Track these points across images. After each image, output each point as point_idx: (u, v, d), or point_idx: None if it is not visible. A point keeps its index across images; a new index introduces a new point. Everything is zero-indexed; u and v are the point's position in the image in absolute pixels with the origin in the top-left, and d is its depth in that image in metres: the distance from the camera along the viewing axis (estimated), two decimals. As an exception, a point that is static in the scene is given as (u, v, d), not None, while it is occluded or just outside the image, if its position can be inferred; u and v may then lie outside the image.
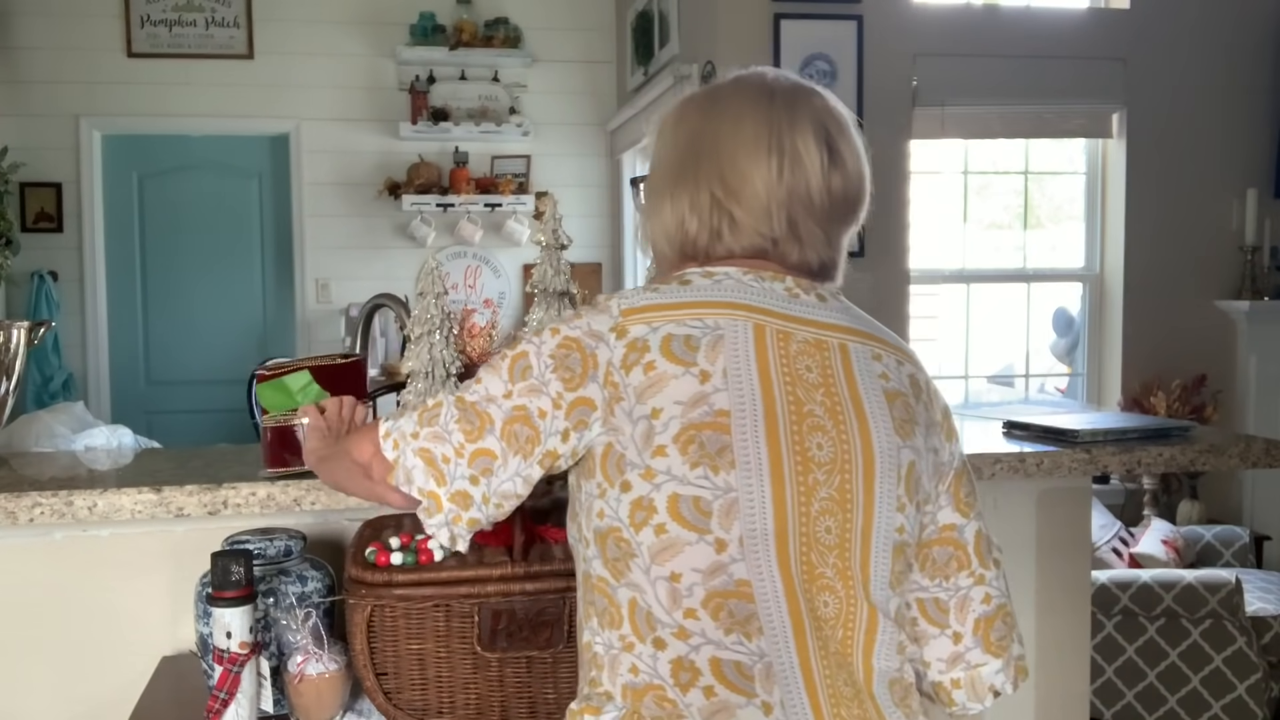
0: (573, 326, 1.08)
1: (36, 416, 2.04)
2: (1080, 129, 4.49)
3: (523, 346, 1.09)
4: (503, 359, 1.09)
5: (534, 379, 1.07)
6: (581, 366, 1.06)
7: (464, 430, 1.07)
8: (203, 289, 5.73)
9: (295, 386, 1.48)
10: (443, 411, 1.08)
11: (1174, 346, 4.39)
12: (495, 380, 1.08)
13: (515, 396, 1.07)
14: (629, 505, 1.03)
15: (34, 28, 5.35)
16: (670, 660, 1.02)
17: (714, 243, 1.14)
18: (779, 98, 1.13)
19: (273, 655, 1.35)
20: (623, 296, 1.10)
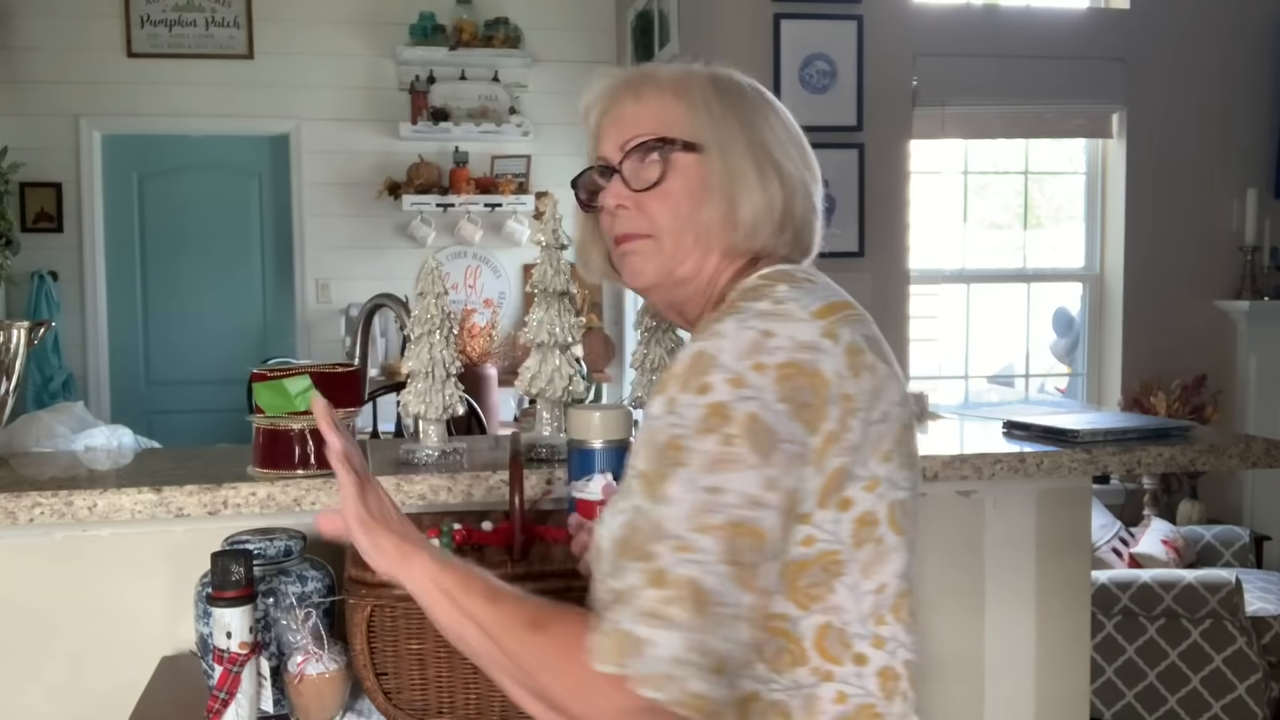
0: (773, 348, 0.90)
1: (36, 416, 2.03)
2: (1080, 129, 4.49)
3: (738, 404, 0.87)
4: (728, 441, 0.86)
5: (784, 441, 0.88)
6: (814, 394, 0.90)
7: (743, 580, 0.85)
8: (203, 289, 5.73)
9: (294, 390, 1.47)
10: (709, 584, 0.83)
11: (1174, 346, 4.39)
12: (744, 473, 0.86)
13: (780, 482, 0.88)
14: (852, 523, 0.93)
15: (34, 28, 5.36)
16: (876, 672, 0.95)
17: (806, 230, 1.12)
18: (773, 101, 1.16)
19: (273, 655, 1.35)
20: (790, 297, 0.96)
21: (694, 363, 0.91)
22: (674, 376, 0.92)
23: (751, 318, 0.93)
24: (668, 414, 0.90)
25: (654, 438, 0.90)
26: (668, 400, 0.91)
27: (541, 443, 1.59)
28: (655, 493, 0.87)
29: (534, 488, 1.50)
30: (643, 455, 0.91)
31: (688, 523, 0.85)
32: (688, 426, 0.88)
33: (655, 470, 0.88)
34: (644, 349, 1.62)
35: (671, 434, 0.88)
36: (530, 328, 1.60)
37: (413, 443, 1.61)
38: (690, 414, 0.88)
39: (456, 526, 1.36)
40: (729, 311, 0.96)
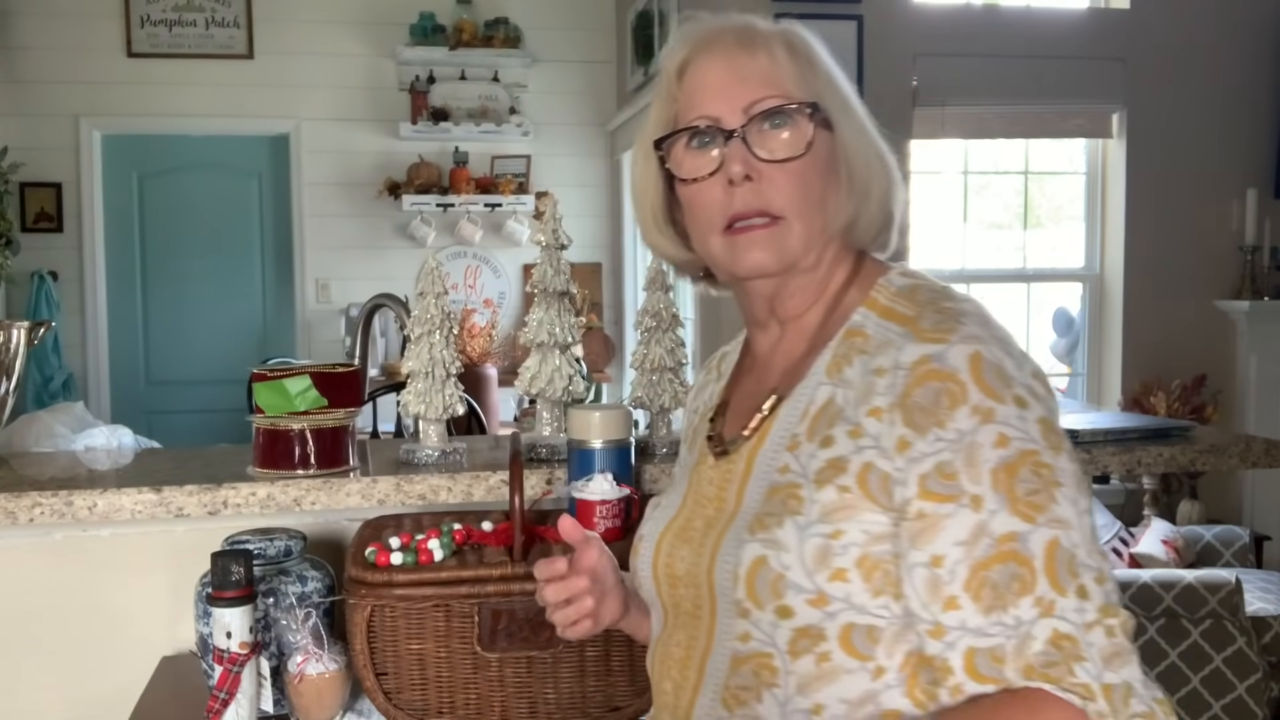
0: (1019, 355, 0.87)
1: (36, 416, 2.04)
2: (1080, 129, 4.49)
3: (1051, 418, 0.84)
4: (1073, 458, 0.83)
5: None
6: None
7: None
8: (203, 289, 5.73)
9: (294, 390, 1.47)
10: (1124, 610, 0.81)
11: (1174, 346, 4.39)
12: (1086, 490, 0.84)
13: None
14: None
15: (34, 28, 5.35)
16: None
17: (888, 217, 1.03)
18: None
19: (273, 655, 1.35)
20: (968, 297, 0.93)
21: (985, 370, 0.83)
22: (962, 384, 0.83)
23: (980, 321, 0.88)
24: (996, 425, 0.81)
25: (990, 454, 0.81)
26: (982, 412, 0.82)
27: (541, 443, 1.59)
28: (1035, 515, 0.80)
29: (534, 488, 1.50)
30: (969, 475, 0.81)
31: (1092, 549, 0.81)
32: (1037, 442, 0.82)
33: (1023, 490, 0.80)
34: (644, 349, 1.62)
35: (1023, 449, 0.81)
36: (530, 328, 1.60)
37: (413, 443, 1.61)
38: (1029, 429, 0.82)
39: (456, 526, 1.36)
40: (936, 307, 0.90)
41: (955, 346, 0.85)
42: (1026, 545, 0.79)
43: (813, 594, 0.85)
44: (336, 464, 1.51)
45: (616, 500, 1.38)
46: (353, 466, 1.54)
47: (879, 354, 0.89)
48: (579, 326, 1.63)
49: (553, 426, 1.61)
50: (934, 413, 0.83)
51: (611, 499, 1.37)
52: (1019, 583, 0.78)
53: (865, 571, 0.84)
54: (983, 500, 0.80)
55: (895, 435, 0.84)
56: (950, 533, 0.81)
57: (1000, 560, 0.79)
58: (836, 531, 0.85)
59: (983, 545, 0.80)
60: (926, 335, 0.87)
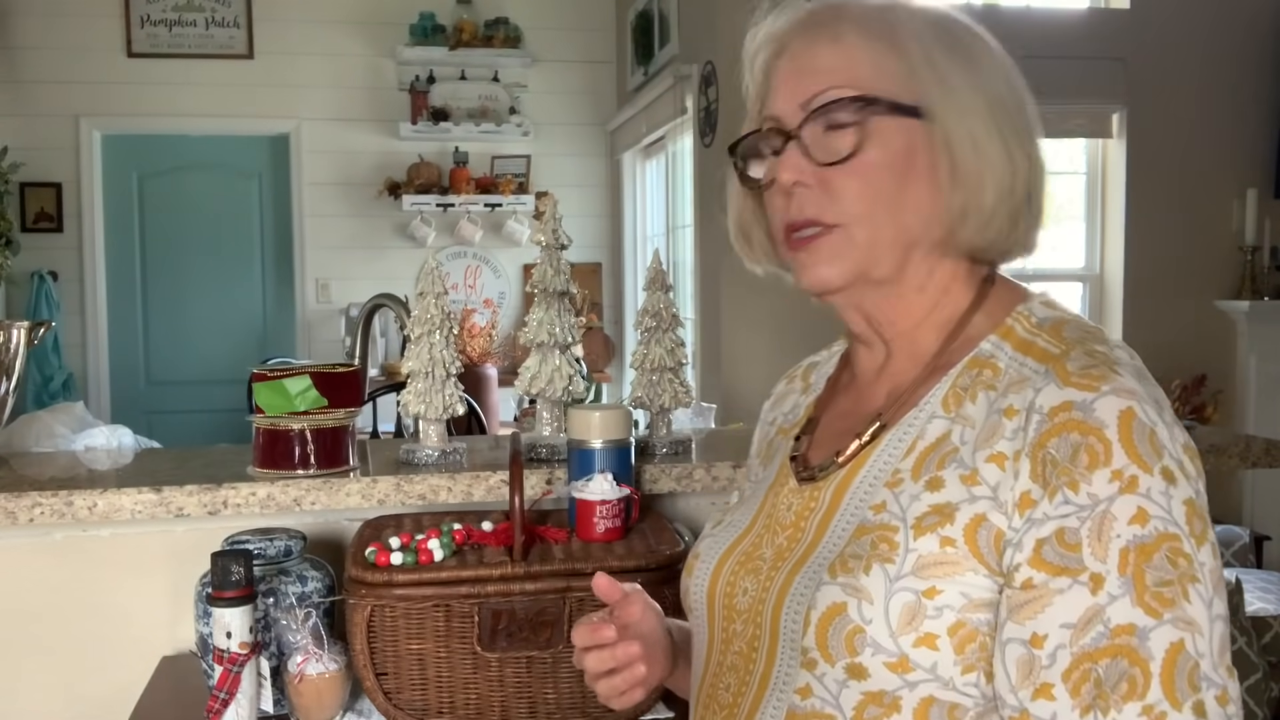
0: (1171, 422, 0.75)
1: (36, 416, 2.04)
2: (1080, 129, 4.49)
3: (1200, 501, 0.74)
4: (1216, 552, 0.73)
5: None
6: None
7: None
8: (203, 289, 5.74)
9: (294, 390, 1.47)
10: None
11: (1174, 346, 4.38)
12: (1224, 591, 0.73)
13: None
14: None
15: (34, 28, 5.36)
16: None
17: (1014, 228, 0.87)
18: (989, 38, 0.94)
19: (273, 655, 1.35)
20: (1121, 344, 0.80)
21: (1136, 431, 0.72)
22: (1107, 443, 0.72)
23: (1137, 373, 0.76)
24: (1138, 497, 0.71)
25: (1124, 530, 0.70)
26: (1125, 479, 0.71)
27: (541, 443, 1.59)
28: (1161, 610, 0.69)
29: (534, 488, 1.50)
30: (1094, 549, 0.71)
31: (1219, 663, 0.70)
32: (1178, 527, 0.71)
33: (1154, 578, 0.70)
34: (644, 349, 1.62)
35: (1161, 530, 0.70)
36: (530, 328, 1.60)
37: (413, 443, 1.61)
38: (1174, 509, 0.71)
39: (456, 526, 1.36)
40: (1085, 347, 0.77)
41: (1106, 398, 0.73)
42: (1145, 643, 0.69)
43: (894, 657, 0.75)
44: (336, 464, 1.51)
45: (616, 500, 1.38)
46: (353, 466, 1.54)
47: (1011, 392, 0.78)
48: (579, 326, 1.63)
49: (553, 426, 1.61)
50: (1068, 470, 0.72)
51: (611, 499, 1.37)
52: (1129, 684, 0.69)
53: (958, 641, 0.74)
54: (1104, 581, 0.70)
55: (1018, 490, 0.74)
56: (1059, 611, 0.71)
57: (1111, 654, 0.69)
58: (932, 589, 0.75)
59: (1094, 633, 0.70)
60: (1073, 379, 0.75)
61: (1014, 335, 0.82)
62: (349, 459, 1.54)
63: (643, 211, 5.76)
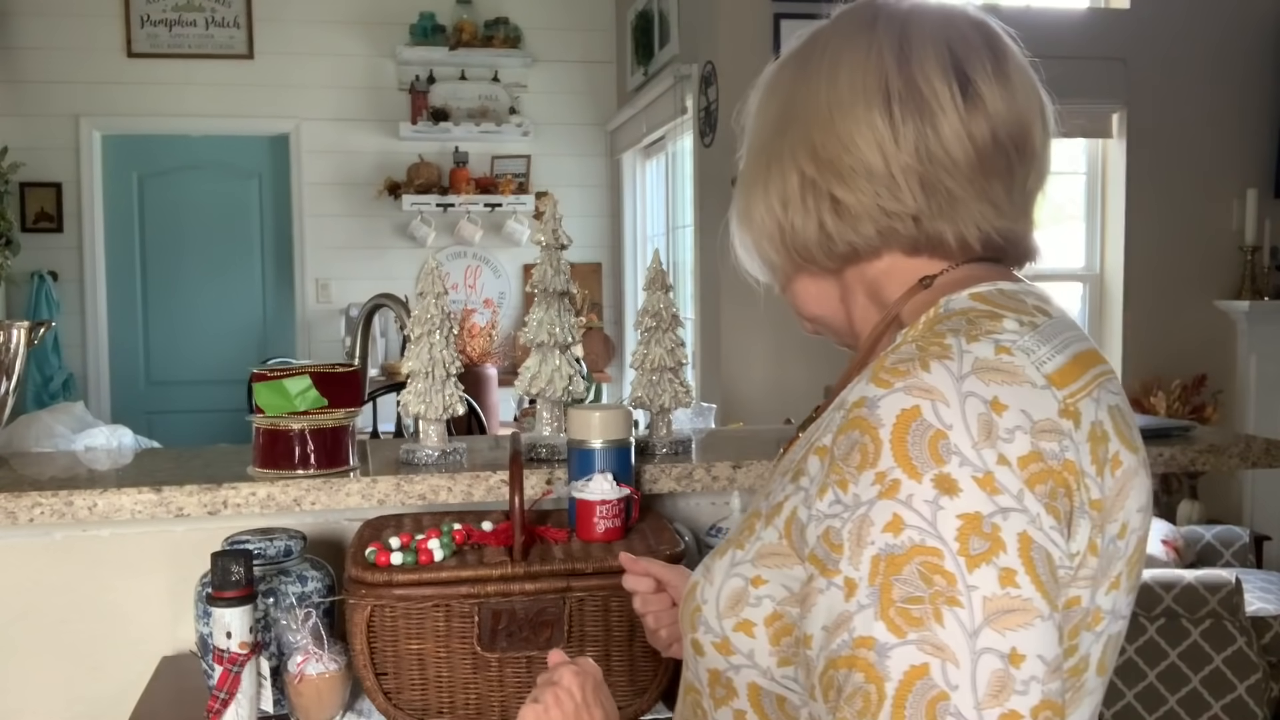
0: (1007, 430, 0.66)
1: (36, 416, 2.04)
2: (1080, 129, 4.49)
3: (1002, 521, 0.64)
4: (1010, 579, 0.62)
5: (1061, 569, 0.67)
6: (1068, 501, 0.68)
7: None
8: (203, 289, 5.74)
9: (294, 390, 1.47)
10: None
11: (1174, 346, 4.39)
12: (1040, 630, 0.63)
13: (1060, 633, 0.65)
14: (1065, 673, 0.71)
15: (34, 28, 5.36)
16: None
17: (825, 237, 0.81)
18: (883, 25, 0.80)
19: (273, 655, 1.35)
20: (1020, 344, 0.71)
21: (914, 433, 0.66)
22: (878, 442, 0.67)
23: (970, 371, 0.68)
24: (896, 504, 0.65)
25: (878, 537, 0.65)
26: (886, 482, 0.66)
27: (541, 443, 1.59)
28: (906, 628, 0.63)
29: (534, 488, 1.50)
30: (852, 554, 0.66)
31: (985, 705, 0.61)
32: (941, 540, 0.63)
33: (901, 593, 0.63)
34: (644, 349, 1.62)
35: (917, 541, 0.64)
36: (530, 328, 1.60)
37: (413, 443, 1.61)
38: (939, 521, 0.64)
39: (456, 526, 1.36)
40: (929, 343, 0.71)
41: (894, 394, 0.68)
42: (885, 661, 0.63)
43: (719, 638, 0.76)
44: (336, 464, 1.51)
45: (616, 500, 1.38)
46: (353, 466, 1.54)
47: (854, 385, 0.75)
48: (579, 326, 1.63)
49: (553, 426, 1.61)
50: (840, 468, 0.68)
51: (611, 499, 1.37)
52: (863, 701, 0.63)
53: (774, 633, 0.73)
54: (856, 588, 0.65)
55: (818, 482, 0.71)
56: (820, 612, 0.68)
57: (848, 665, 0.64)
58: (759, 578, 0.74)
59: (839, 639, 0.65)
60: (879, 374, 0.70)
61: (915, 329, 0.77)
62: (349, 459, 1.54)
63: (643, 211, 5.76)
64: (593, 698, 0.86)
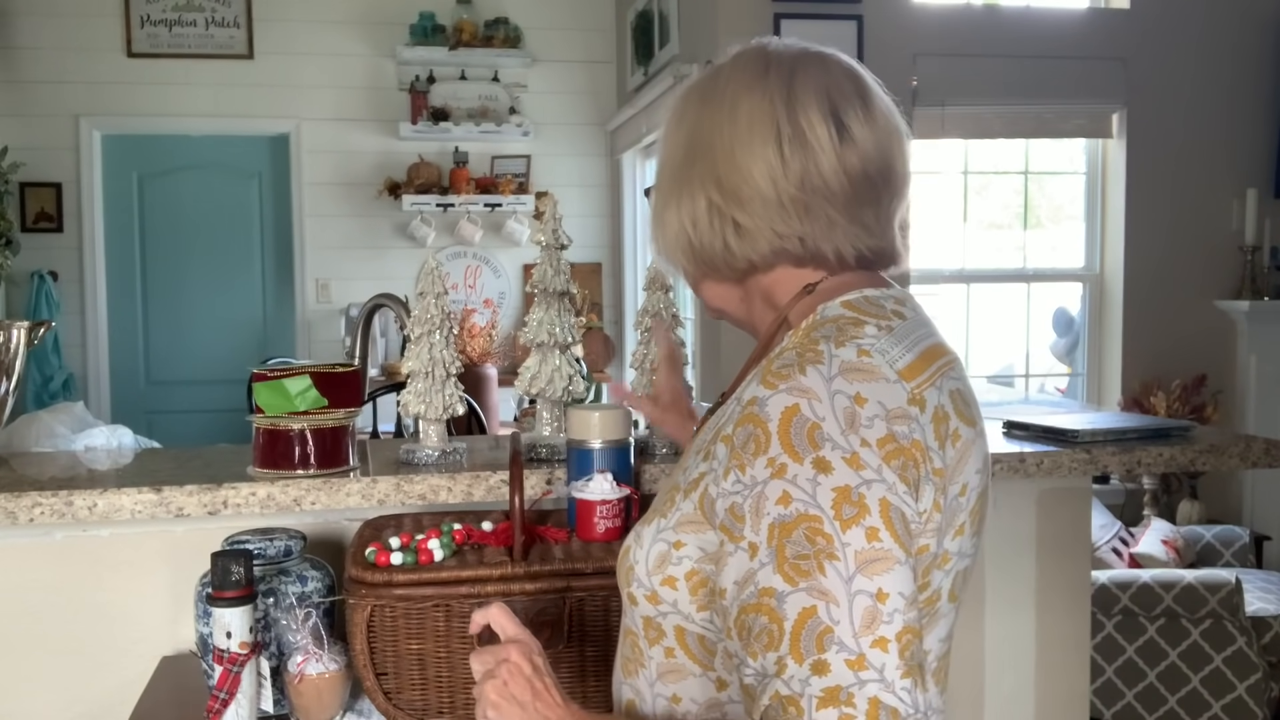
0: (868, 419, 0.83)
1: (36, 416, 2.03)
2: (1080, 129, 4.49)
3: (866, 490, 0.80)
4: (874, 535, 0.79)
5: (912, 524, 0.84)
6: (916, 471, 0.85)
7: (919, 683, 0.78)
8: (203, 289, 5.74)
9: (294, 390, 1.47)
10: (891, 703, 0.76)
11: (1174, 346, 4.39)
12: (899, 572, 0.80)
13: (914, 574, 0.82)
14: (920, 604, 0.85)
15: (34, 28, 5.36)
16: None
17: (728, 253, 0.98)
18: (774, 73, 0.96)
19: (273, 655, 1.35)
20: (877, 347, 0.89)
21: (795, 426, 0.82)
22: (768, 434, 0.83)
23: (837, 373, 0.85)
24: (784, 482, 0.81)
25: (771, 509, 0.81)
26: (776, 466, 0.82)
27: (541, 443, 1.59)
28: (797, 579, 0.79)
29: (534, 488, 1.50)
30: (753, 523, 0.82)
31: (860, 634, 0.77)
32: (820, 509, 0.80)
33: (793, 552, 0.79)
34: (644, 349, 1.62)
35: (802, 511, 0.80)
36: (530, 328, 1.60)
37: (413, 443, 1.61)
38: (818, 495, 0.80)
39: (456, 526, 1.36)
40: (806, 349, 0.88)
41: (779, 395, 0.84)
42: (783, 605, 0.79)
43: (649, 591, 0.92)
44: (336, 464, 1.51)
45: (616, 500, 1.38)
46: (353, 466, 1.54)
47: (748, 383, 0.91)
48: (579, 326, 1.63)
49: (553, 426, 1.61)
50: (740, 454, 0.84)
51: (611, 499, 1.37)
52: (768, 636, 0.80)
53: (692, 585, 0.90)
54: (758, 550, 0.81)
55: (723, 465, 0.86)
56: (731, 570, 0.84)
57: (756, 610, 0.81)
58: (679, 542, 0.90)
59: (748, 591, 0.82)
60: (767, 377, 0.87)
61: (797, 332, 0.94)
62: (349, 459, 1.54)
63: (643, 211, 5.76)
64: (542, 665, 0.96)
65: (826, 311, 0.94)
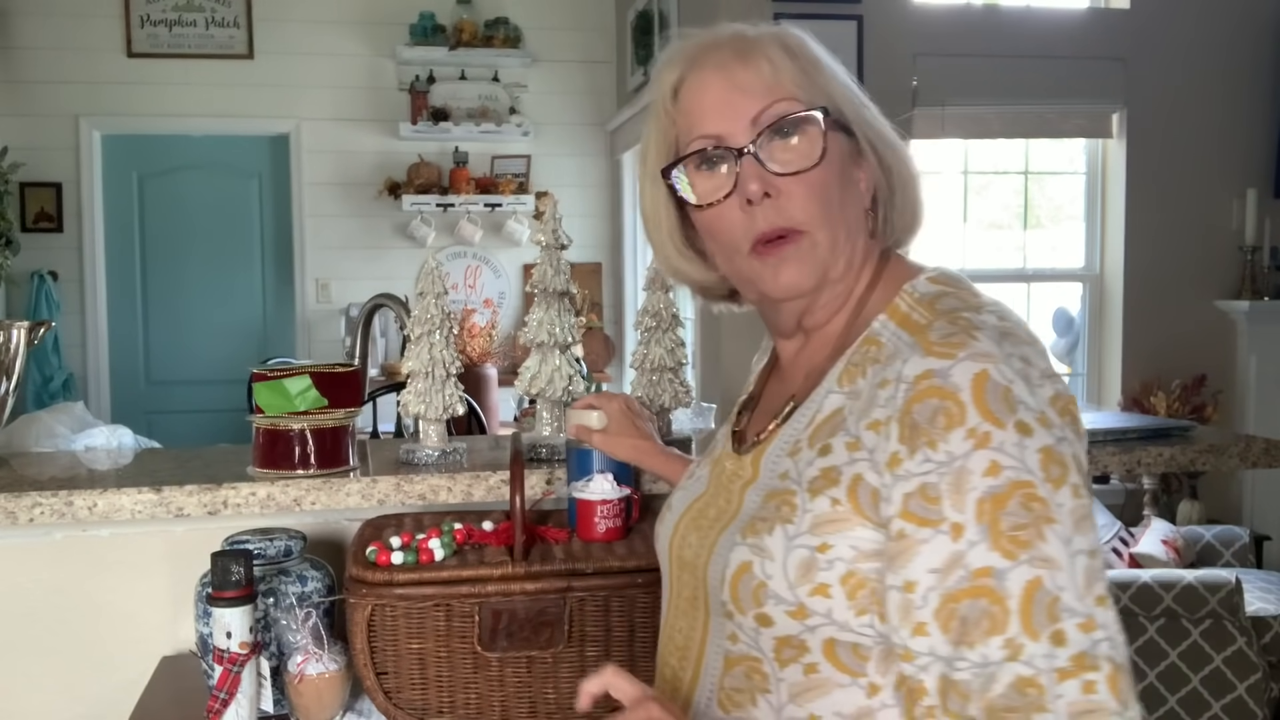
0: (1039, 378, 0.81)
1: (36, 416, 2.04)
2: (1080, 129, 4.49)
3: (1063, 449, 0.78)
4: (1078, 493, 0.77)
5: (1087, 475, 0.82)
6: (1078, 426, 0.83)
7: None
8: (203, 289, 5.73)
9: (294, 390, 1.47)
10: (1120, 660, 0.75)
11: (1174, 346, 4.39)
12: (1095, 528, 0.79)
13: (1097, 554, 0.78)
14: None
15: (34, 28, 5.36)
16: None
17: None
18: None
19: (273, 655, 1.35)
20: (1003, 310, 0.87)
21: (990, 391, 0.78)
22: (961, 405, 0.78)
23: (998, 337, 0.82)
24: (991, 451, 0.77)
25: (978, 482, 0.76)
26: (978, 436, 0.77)
27: (541, 443, 1.59)
28: (1017, 551, 0.75)
29: (534, 488, 1.51)
30: (953, 501, 0.77)
31: (1085, 594, 0.75)
32: (1031, 473, 0.76)
33: (1009, 524, 0.75)
34: (644, 349, 1.62)
35: (1013, 478, 0.76)
36: (530, 328, 1.60)
37: (413, 443, 1.61)
38: (1026, 458, 0.77)
39: (457, 526, 1.36)
40: (955, 318, 0.84)
41: (962, 363, 0.80)
42: (1003, 583, 0.75)
43: (793, 606, 0.84)
44: (336, 464, 1.51)
45: (617, 500, 1.38)
46: (353, 466, 1.54)
47: (888, 365, 0.85)
48: (579, 326, 1.63)
49: (553, 426, 1.61)
50: (928, 431, 0.79)
51: (612, 499, 1.37)
52: (989, 620, 0.75)
53: (849, 589, 0.82)
54: (963, 529, 0.76)
55: (888, 450, 0.81)
56: (925, 558, 0.77)
57: (971, 595, 0.75)
58: (824, 545, 0.83)
59: (956, 576, 0.76)
60: (934, 348, 0.82)
61: (898, 312, 0.91)
62: (349, 459, 1.54)
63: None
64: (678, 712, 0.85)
65: (919, 287, 0.92)
